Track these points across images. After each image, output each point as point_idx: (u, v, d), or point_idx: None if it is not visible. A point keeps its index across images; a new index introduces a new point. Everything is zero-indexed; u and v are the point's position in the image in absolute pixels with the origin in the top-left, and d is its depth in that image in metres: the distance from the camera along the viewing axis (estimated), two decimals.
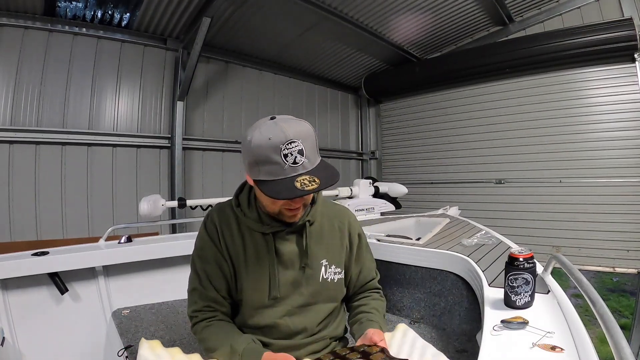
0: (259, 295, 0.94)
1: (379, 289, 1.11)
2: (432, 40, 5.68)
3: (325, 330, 1.00)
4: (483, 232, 1.99)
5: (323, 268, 0.98)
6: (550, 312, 0.89)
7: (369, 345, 0.86)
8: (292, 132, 0.78)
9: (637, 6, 4.18)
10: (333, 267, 0.99)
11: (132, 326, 1.67)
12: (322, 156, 0.87)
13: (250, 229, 0.95)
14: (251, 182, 0.87)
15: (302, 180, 0.77)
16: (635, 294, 4.10)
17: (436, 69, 5.77)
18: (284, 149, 0.77)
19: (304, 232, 0.95)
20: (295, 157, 0.78)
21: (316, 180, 0.77)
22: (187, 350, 1.46)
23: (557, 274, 1.12)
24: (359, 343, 0.90)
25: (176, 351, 0.96)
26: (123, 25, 4.04)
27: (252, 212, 0.94)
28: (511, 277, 0.92)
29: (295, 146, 0.78)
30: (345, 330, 1.10)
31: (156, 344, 0.97)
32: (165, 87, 4.44)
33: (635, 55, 4.25)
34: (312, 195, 0.93)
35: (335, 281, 1.00)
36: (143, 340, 0.98)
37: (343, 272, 1.02)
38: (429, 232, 2.03)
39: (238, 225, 0.96)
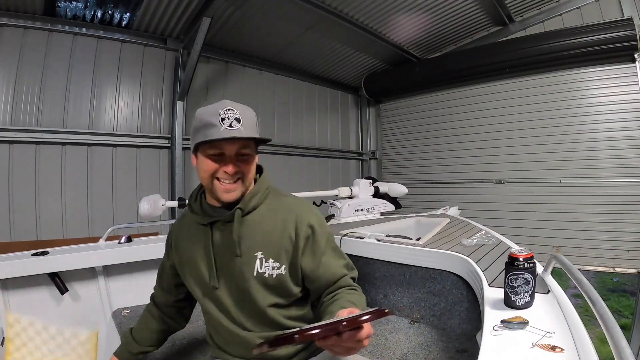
0: (203, 285, 0.99)
1: (354, 286, 0.97)
2: (432, 40, 5.68)
3: (283, 328, 0.96)
4: (483, 232, 1.99)
5: (258, 261, 0.93)
6: (550, 312, 0.89)
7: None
8: (232, 105, 0.88)
9: (637, 6, 4.17)
10: (270, 261, 0.93)
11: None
12: (321, 156, 0.90)
13: (197, 223, 0.99)
14: (194, 162, 0.94)
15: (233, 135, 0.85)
16: (635, 294, 4.10)
17: (436, 69, 5.77)
18: (222, 114, 0.85)
19: (234, 220, 0.93)
20: (232, 121, 0.86)
21: (245, 134, 0.86)
22: (187, 349, 1.46)
23: (557, 274, 1.12)
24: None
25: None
26: (123, 25, 4.04)
27: (197, 205, 1.00)
28: (511, 277, 0.92)
29: (233, 113, 0.86)
30: None
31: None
32: (165, 87, 4.44)
33: (635, 55, 4.25)
34: (250, 171, 0.93)
35: (274, 276, 0.94)
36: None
37: (285, 268, 0.94)
38: (429, 232, 2.03)
39: (190, 222, 1.02)
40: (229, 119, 0.85)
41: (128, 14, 3.96)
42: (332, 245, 0.99)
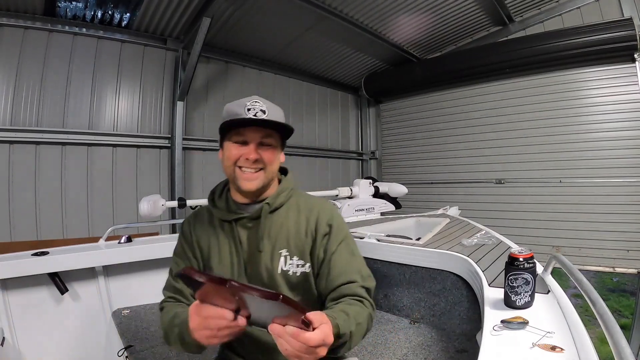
0: None
1: (362, 296, 0.88)
2: (432, 40, 5.68)
3: None
4: (483, 232, 1.99)
5: (282, 259, 0.93)
6: (550, 312, 0.89)
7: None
8: (259, 98, 0.90)
9: (637, 6, 4.17)
10: (295, 258, 0.93)
11: (132, 326, 1.67)
12: (321, 156, 0.89)
13: (220, 219, 0.98)
14: (220, 155, 0.95)
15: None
16: (635, 294, 4.10)
17: (436, 69, 5.77)
18: (248, 105, 0.88)
19: (261, 215, 0.93)
20: (257, 112, 0.87)
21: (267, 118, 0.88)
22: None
23: (557, 274, 1.12)
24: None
25: None
26: (123, 25, 4.04)
27: (221, 201, 0.99)
28: (511, 277, 0.92)
29: (259, 106, 0.88)
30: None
31: None
32: (165, 87, 4.44)
33: (635, 55, 4.24)
34: (272, 163, 0.92)
35: (298, 274, 0.93)
36: None
37: (309, 266, 0.94)
38: (429, 232, 2.03)
39: (211, 219, 1.00)
40: (254, 109, 0.87)
41: (128, 14, 3.96)
42: (348, 248, 0.95)
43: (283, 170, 1.04)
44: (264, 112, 0.88)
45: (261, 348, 0.94)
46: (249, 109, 0.87)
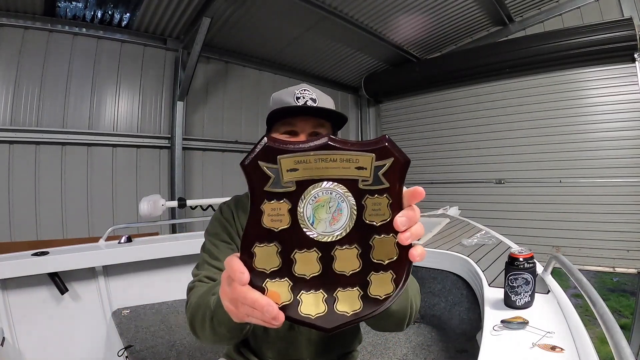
0: None
1: None
2: (432, 40, 5.68)
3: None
4: (483, 232, 1.99)
5: None
6: (550, 312, 0.89)
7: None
8: (309, 87, 0.85)
9: (637, 6, 4.18)
10: None
11: (132, 326, 1.67)
12: None
13: None
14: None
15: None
16: (635, 294, 4.10)
17: (436, 69, 5.77)
18: (297, 94, 0.83)
19: None
20: (307, 100, 0.82)
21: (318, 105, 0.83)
22: (187, 349, 1.46)
23: (557, 274, 1.12)
24: None
25: None
26: (123, 25, 4.04)
27: None
28: (511, 277, 0.92)
29: (309, 94, 0.84)
30: (357, 341, 1.02)
31: None
32: (165, 87, 4.44)
33: (635, 55, 4.24)
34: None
35: None
36: None
37: None
38: (429, 232, 2.03)
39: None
40: (304, 97, 0.83)
41: (128, 14, 3.96)
42: None
43: None
44: (314, 100, 0.84)
45: (278, 345, 0.86)
46: (298, 98, 0.83)
